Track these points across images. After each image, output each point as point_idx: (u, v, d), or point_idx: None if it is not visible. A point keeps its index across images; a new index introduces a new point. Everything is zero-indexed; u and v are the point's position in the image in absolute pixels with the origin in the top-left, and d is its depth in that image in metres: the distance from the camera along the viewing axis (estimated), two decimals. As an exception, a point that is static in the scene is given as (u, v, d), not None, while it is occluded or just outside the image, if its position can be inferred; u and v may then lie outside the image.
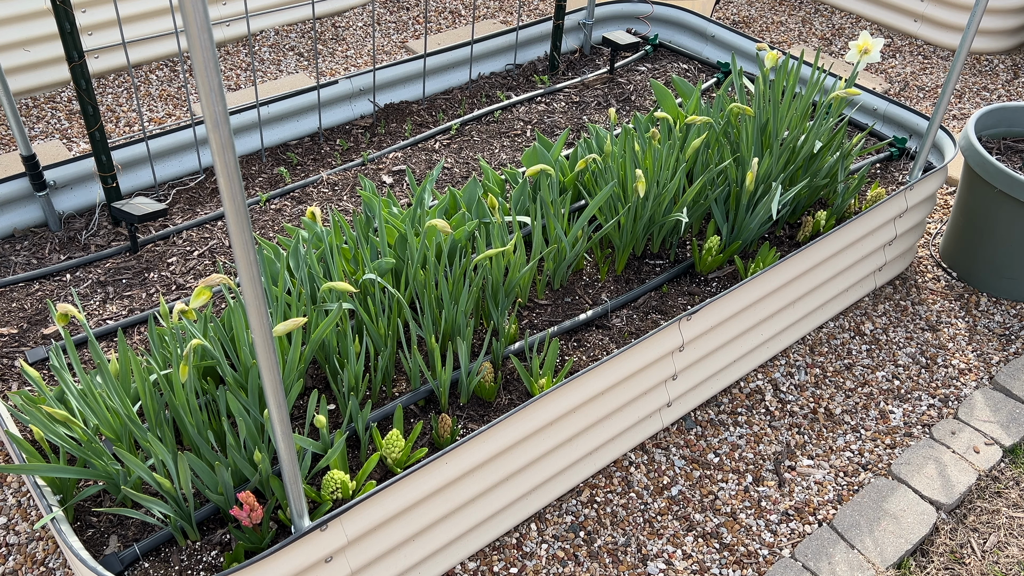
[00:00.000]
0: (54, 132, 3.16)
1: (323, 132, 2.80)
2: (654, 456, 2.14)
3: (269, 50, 3.71)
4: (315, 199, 2.52)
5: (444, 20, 4.07)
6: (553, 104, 3.02)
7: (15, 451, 1.61)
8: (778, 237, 2.46)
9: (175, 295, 2.18)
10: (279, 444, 1.35)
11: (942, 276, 2.77)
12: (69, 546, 1.49)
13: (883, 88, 3.72)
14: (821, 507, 2.05)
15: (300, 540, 1.50)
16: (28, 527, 1.91)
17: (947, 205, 3.07)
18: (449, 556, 1.82)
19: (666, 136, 2.33)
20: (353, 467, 1.76)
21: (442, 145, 2.79)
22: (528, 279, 2.13)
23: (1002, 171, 2.45)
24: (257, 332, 1.20)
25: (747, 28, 4.17)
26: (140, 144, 2.48)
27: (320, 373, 1.94)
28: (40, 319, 2.09)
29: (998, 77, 3.84)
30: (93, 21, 3.34)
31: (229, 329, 1.82)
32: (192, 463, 1.57)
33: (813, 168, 2.40)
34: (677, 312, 2.19)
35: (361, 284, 1.95)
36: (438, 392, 1.86)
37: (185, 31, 0.93)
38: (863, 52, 2.30)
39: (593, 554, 1.92)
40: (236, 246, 1.10)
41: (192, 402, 1.62)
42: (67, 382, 1.66)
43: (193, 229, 2.40)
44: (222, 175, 1.04)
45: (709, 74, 3.22)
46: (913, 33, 4.10)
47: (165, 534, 1.61)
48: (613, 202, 2.27)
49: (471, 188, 2.24)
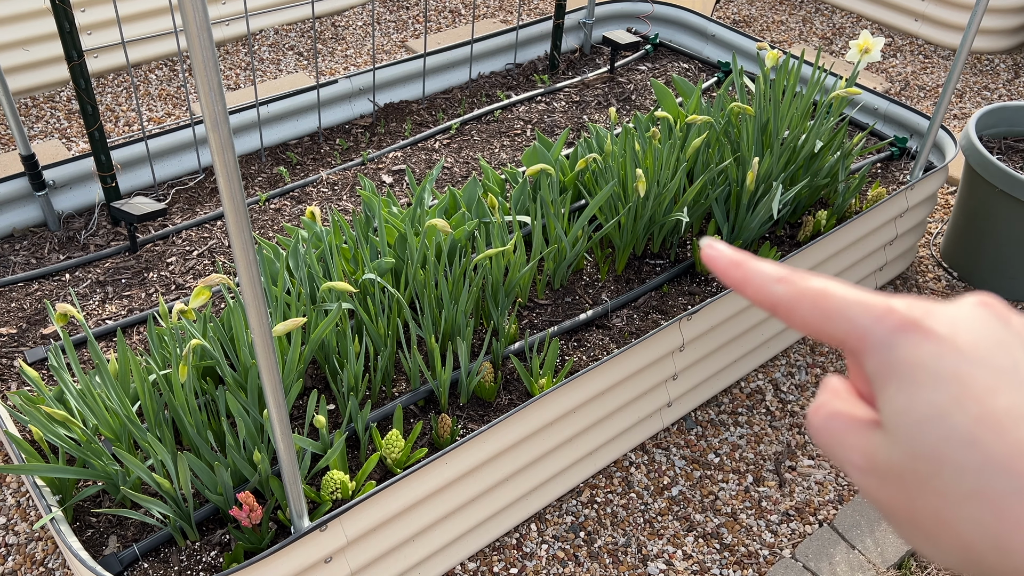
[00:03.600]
0: (53, 132, 3.15)
1: (323, 131, 2.80)
2: (654, 456, 2.13)
3: (268, 49, 3.71)
4: (315, 199, 2.52)
5: (444, 19, 4.06)
6: (553, 103, 3.01)
7: (14, 451, 1.61)
8: (779, 237, 2.46)
9: (174, 295, 2.17)
10: (279, 444, 1.35)
11: (943, 276, 2.77)
12: (68, 546, 1.48)
13: (884, 87, 3.72)
14: (822, 507, 2.05)
15: (300, 540, 1.50)
16: (27, 527, 1.91)
17: (948, 205, 3.07)
18: (449, 556, 1.82)
19: (666, 135, 2.32)
20: (353, 467, 1.75)
21: (442, 145, 2.78)
22: (528, 279, 2.12)
23: (1003, 171, 2.45)
24: (256, 332, 1.20)
25: (748, 27, 4.17)
26: (139, 144, 2.47)
27: (320, 373, 1.94)
28: (39, 319, 2.08)
29: (999, 76, 3.84)
30: (92, 20, 3.33)
31: (228, 329, 1.81)
32: (191, 463, 1.56)
33: (814, 168, 2.40)
34: (677, 312, 2.18)
35: (361, 284, 1.94)
36: (438, 392, 1.86)
37: (184, 30, 0.93)
38: (864, 51, 2.29)
39: (593, 554, 1.92)
40: (235, 246, 1.10)
41: (191, 402, 1.62)
42: (66, 382, 1.65)
43: (192, 229, 2.39)
44: (221, 175, 1.04)
45: (710, 73, 3.22)
46: (914, 32, 4.10)
47: (164, 534, 1.60)
48: (613, 202, 2.27)
49: (471, 188, 2.23)
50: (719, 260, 0.38)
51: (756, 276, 0.36)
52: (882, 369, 0.32)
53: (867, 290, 0.34)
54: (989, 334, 0.31)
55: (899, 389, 0.31)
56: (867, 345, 0.33)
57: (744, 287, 0.37)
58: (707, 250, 0.38)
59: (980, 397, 0.29)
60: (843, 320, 0.34)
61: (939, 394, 0.30)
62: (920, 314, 0.32)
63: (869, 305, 0.33)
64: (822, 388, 0.37)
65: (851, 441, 0.33)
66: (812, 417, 0.36)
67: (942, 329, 0.31)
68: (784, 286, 0.36)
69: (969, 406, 0.29)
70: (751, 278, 0.37)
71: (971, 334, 0.31)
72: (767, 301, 0.36)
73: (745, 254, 0.38)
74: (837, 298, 0.34)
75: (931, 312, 0.32)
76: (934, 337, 0.31)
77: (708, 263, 0.38)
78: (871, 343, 0.33)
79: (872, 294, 0.34)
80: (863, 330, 0.33)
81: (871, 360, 0.33)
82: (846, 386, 0.36)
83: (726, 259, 0.38)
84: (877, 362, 0.32)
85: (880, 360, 0.32)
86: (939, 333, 0.31)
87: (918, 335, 0.31)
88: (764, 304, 0.36)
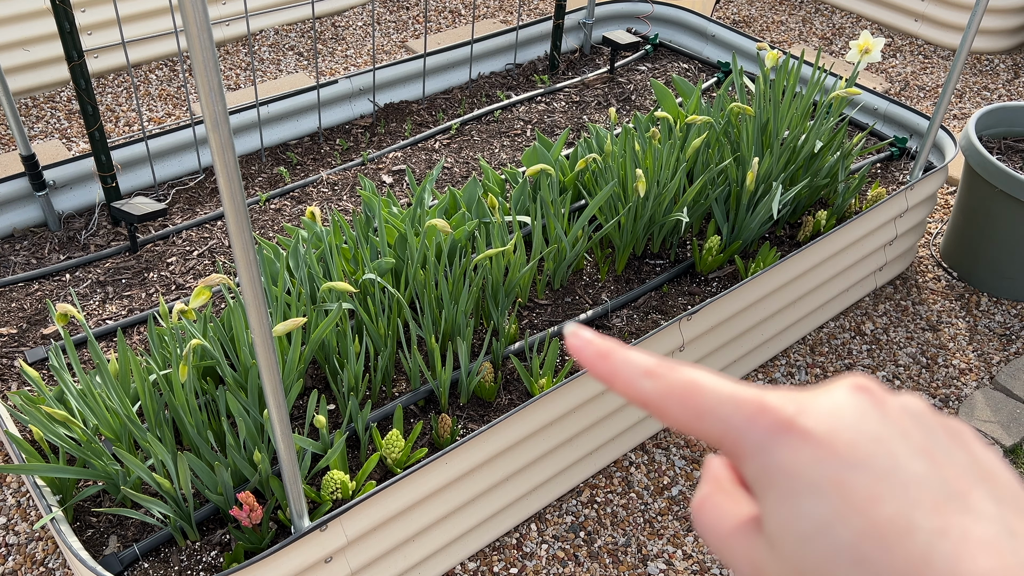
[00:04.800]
0: (53, 132, 3.15)
1: (323, 132, 2.80)
2: (654, 456, 2.14)
3: (269, 49, 3.71)
4: (315, 199, 2.52)
5: (444, 19, 4.06)
6: (553, 104, 3.02)
7: (15, 451, 1.61)
8: (779, 237, 2.46)
9: (174, 295, 2.18)
10: (279, 444, 1.35)
11: (943, 276, 2.77)
12: (69, 546, 1.48)
13: (884, 88, 3.72)
14: (821, 507, 2.05)
15: (300, 540, 1.50)
16: (28, 527, 1.91)
17: (947, 205, 3.07)
18: (449, 556, 1.82)
19: (666, 136, 2.32)
20: (353, 467, 1.75)
21: (442, 145, 2.78)
22: (528, 279, 2.12)
23: (1003, 171, 2.45)
24: (257, 332, 1.20)
25: (747, 28, 4.17)
26: (140, 144, 2.47)
27: (320, 373, 1.94)
28: (39, 319, 2.08)
29: (999, 77, 3.84)
30: (92, 20, 3.34)
31: (229, 329, 1.81)
32: (192, 463, 1.56)
33: (814, 168, 2.40)
34: (677, 312, 2.18)
35: (361, 284, 1.94)
36: (438, 392, 1.86)
37: (185, 31, 0.93)
38: (864, 52, 2.29)
39: (593, 554, 1.92)
40: (236, 246, 1.10)
41: (192, 402, 1.62)
42: (66, 382, 1.65)
43: (193, 229, 2.39)
44: (222, 175, 1.04)
45: (709, 73, 3.22)
46: (914, 33, 4.10)
47: (165, 534, 1.60)
48: (613, 202, 2.27)
49: (471, 188, 2.24)
50: (584, 351, 0.34)
51: (624, 369, 0.33)
52: (761, 476, 0.30)
53: (738, 382, 0.32)
54: (867, 429, 0.29)
55: (779, 500, 0.29)
56: (742, 449, 0.31)
57: (613, 381, 0.34)
58: (571, 339, 0.35)
59: (862, 508, 0.27)
60: (715, 420, 0.31)
61: (820, 507, 0.28)
62: (793, 412, 0.30)
63: (740, 402, 0.31)
64: (704, 475, 0.34)
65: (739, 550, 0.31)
66: (697, 515, 0.33)
67: (818, 429, 0.29)
68: (652, 381, 0.33)
69: (852, 520, 0.27)
70: (619, 371, 0.33)
71: (849, 432, 0.29)
72: (637, 398, 0.33)
73: (613, 343, 0.34)
74: (707, 394, 0.31)
75: (805, 409, 0.30)
76: (812, 440, 0.29)
77: (573, 353, 0.35)
78: (747, 448, 0.30)
79: (744, 388, 0.31)
80: (736, 432, 0.31)
81: (749, 466, 0.30)
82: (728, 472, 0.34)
83: (592, 350, 0.34)
84: (755, 468, 0.30)
85: (758, 466, 0.30)
86: (815, 435, 0.29)
87: (794, 438, 0.29)
88: (634, 401, 0.33)
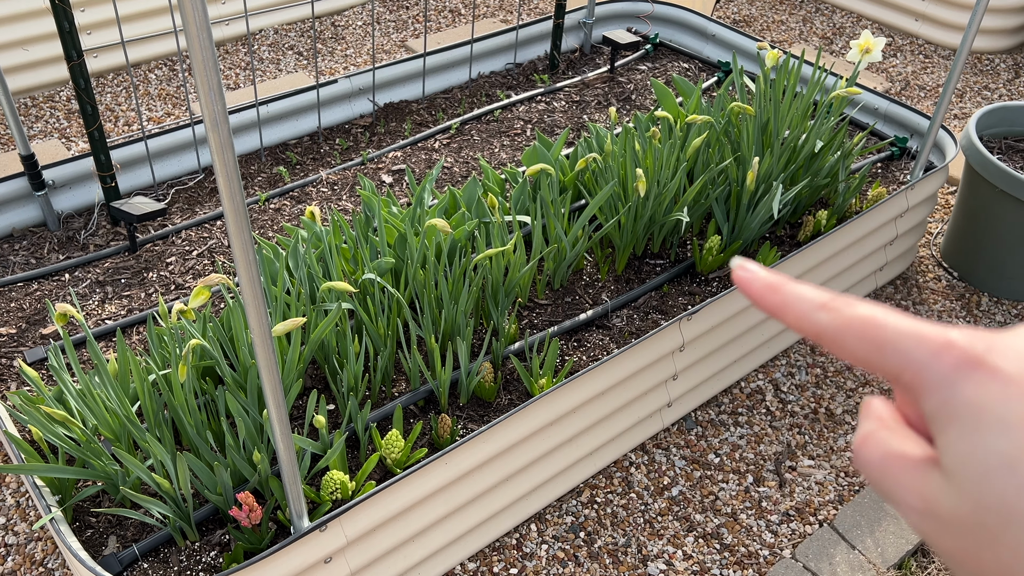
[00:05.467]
0: (53, 131, 3.15)
1: (322, 131, 2.80)
2: (654, 456, 2.13)
3: (268, 49, 3.70)
4: (314, 198, 2.51)
5: (444, 19, 4.06)
6: (553, 103, 3.01)
7: (14, 451, 1.60)
8: (779, 237, 2.46)
9: (174, 295, 2.17)
10: (278, 444, 1.35)
11: (943, 276, 2.77)
12: (68, 546, 1.48)
13: (884, 87, 3.72)
14: (822, 507, 2.05)
15: (299, 541, 1.49)
16: (27, 527, 1.90)
17: (948, 205, 3.07)
18: (449, 556, 1.82)
19: (667, 135, 2.32)
20: (352, 467, 1.75)
21: (442, 144, 2.78)
22: (528, 279, 2.12)
23: (1003, 171, 2.45)
24: (256, 332, 1.20)
25: (748, 27, 4.17)
26: (139, 143, 2.47)
27: (319, 373, 1.94)
28: (39, 319, 2.08)
29: (999, 76, 3.83)
30: (92, 20, 3.33)
31: (228, 329, 1.81)
32: (191, 463, 1.56)
33: (814, 167, 2.39)
34: (677, 312, 2.18)
35: (360, 284, 1.94)
36: (438, 392, 1.85)
37: (184, 30, 0.93)
38: (864, 51, 2.29)
39: (593, 555, 1.91)
40: (235, 246, 1.10)
41: (191, 402, 1.62)
42: (66, 382, 1.65)
43: (192, 229, 2.39)
44: (221, 175, 1.03)
45: (710, 73, 3.22)
46: (914, 32, 4.10)
47: (164, 535, 1.60)
48: (613, 201, 2.27)
49: (471, 187, 2.23)
50: (754, 283, 0.34)
51: (796, 302, 0.33)
52: (942, 410, 0.30)
53: (920, 319, 0.32)
54: None
55: (962, 434, 0.29)
56: (924, 383, 0.30)
57: (783, 313, 0.34)
58: (739, 272, 0.35)
59: None
60: (896, 353, 0.31)
61: (1007, 442, 0.28)
62: (983, 349, 0.29)
63: (925, 337, 0.30)
64: (865, 414, 0.34)
65: (907, 483, 0.31)
66: (861, 450, 0.33)
67: (1009, 367, 0.29)
68: (828, 314, 0.33)
69: None
70: (791, 304, 0.34)
71: None
72: (810, 330, 0.33)
73: (782, 276, 0.35)
74: (888, 328, 0.31)
75: (994, 347, 0.29)
76: (1001, 377, 0.28)
77: (741, 286, 0.35)
78: (929, 381, 0.30)
79: (926, 324, 0.31)
80: (919, 365, 0.30)
81: (929, 400, 0.30)
82: (892, 412, 0.33)
83: (761, 282, 0.34)
84: (936, 403, 0.30)
85: (940, 401, 0.30)
86: (1006, 372, 0.29)
87: (983, 374, 0.29)
88: (807, 333, 0.33)
